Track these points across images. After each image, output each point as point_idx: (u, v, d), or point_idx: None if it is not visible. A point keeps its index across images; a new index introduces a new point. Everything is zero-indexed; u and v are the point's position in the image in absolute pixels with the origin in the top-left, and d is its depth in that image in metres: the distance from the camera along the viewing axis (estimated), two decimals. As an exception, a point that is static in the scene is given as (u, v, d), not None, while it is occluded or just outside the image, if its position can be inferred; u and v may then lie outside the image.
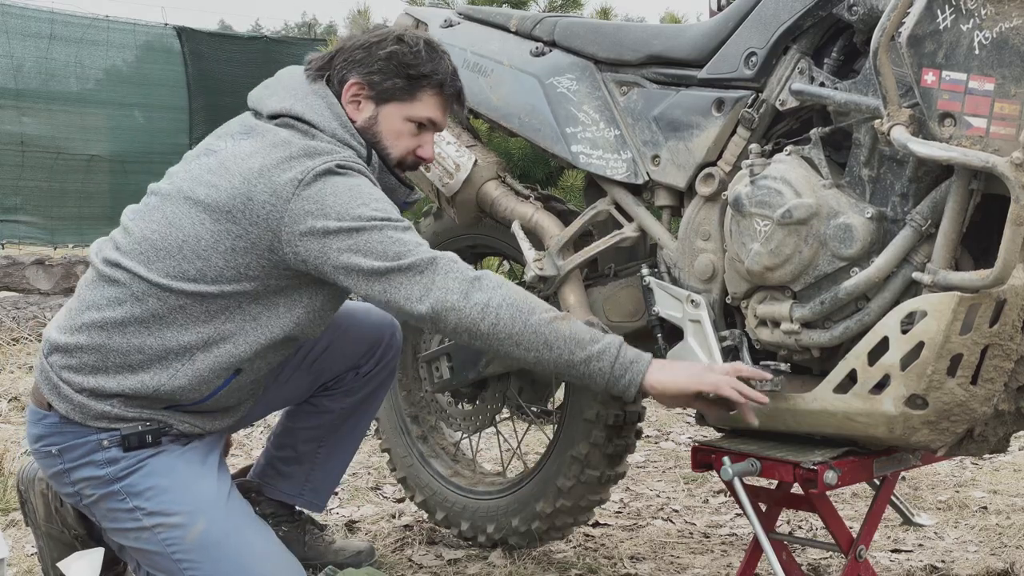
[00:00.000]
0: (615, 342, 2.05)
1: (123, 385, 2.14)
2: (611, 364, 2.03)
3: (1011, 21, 1.86)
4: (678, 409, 4.51)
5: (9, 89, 9.88)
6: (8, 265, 7.31)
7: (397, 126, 2.26)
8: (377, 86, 2.23)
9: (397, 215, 2.12)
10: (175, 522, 2.12)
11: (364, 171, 2.16)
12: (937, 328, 1.92)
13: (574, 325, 2.06)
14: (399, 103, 2.25)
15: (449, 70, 2.28)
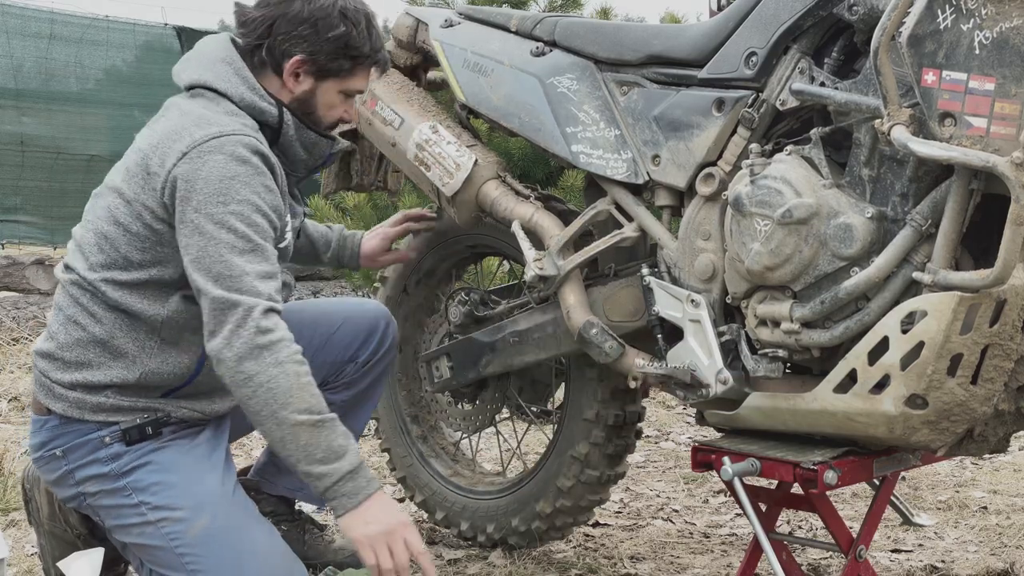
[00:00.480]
0: (342, 471, 2.01)
1: (110, 375, 2.16)
2: (323, 489, 2.02)
3: (1011, 21, 1.86)
4: (679, 409, 4.51)
5: (9, 89, 9.87)
6: (8, 265, 7.31)
7: (332, 99, 2.30)
8: (321, 65, 2.26)
9: (258, 226, 2.09)
10: (179, 516, 2.12)
11: (259, 147, 2.15)
12: (937, 328, 1.92)
13: (318, 436, 2.01)
14: (338, 79, 2.28)
15: (380, 44, 2.33)
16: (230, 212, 2.08)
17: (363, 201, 5.48)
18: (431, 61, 2.87)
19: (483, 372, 2.73)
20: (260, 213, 2.11)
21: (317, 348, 2.52)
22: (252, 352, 2.01)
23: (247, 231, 2.08)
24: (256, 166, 2.13)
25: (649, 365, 2.34)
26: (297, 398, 2.01)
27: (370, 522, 2.02)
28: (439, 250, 2.93)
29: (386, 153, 2.81)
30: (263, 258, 2.09)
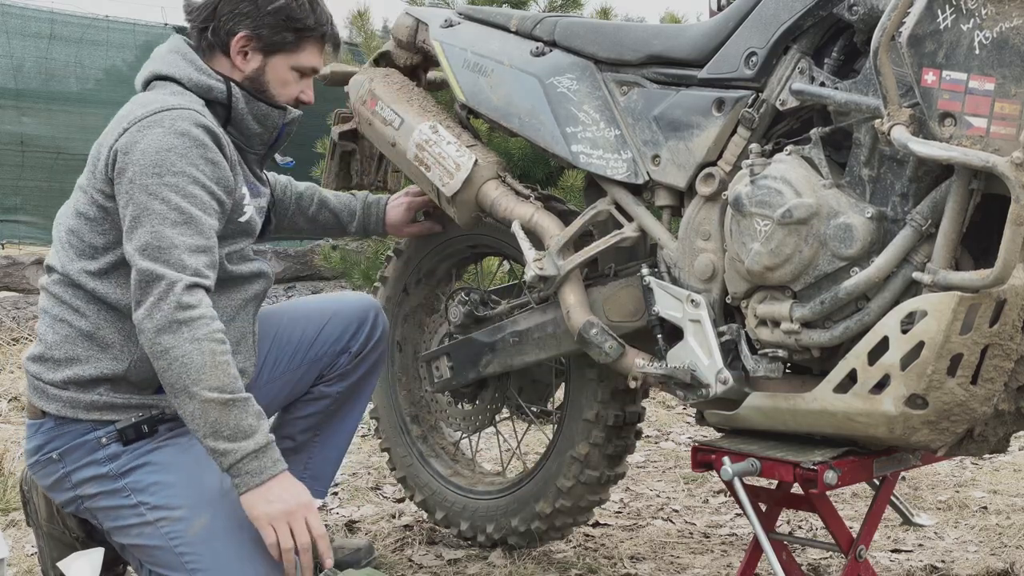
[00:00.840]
0: (246, 450, 2.02)
1: (100, 368, 2.17)
2: (227, 465, 2.04)
3: (1011, 21, 1.86)
4: (679, 409, 4.51)
5: (9, 89, 9.87)
6: (8, 265, 7.31)
7: (283, 75, 2.34)
8: (266, 39, 2.30)
9: (194, 198, 2.11)
10: (178, 515, 2.13)
11: (202, 120, 2.18)
12: (937, 328, 1.92)
13: (228, 415, 2.02)
14: (286, 54, 2.33)
15: (329, 18, 2.38)
16: (164, 184, 2.10)
17: (363, 201, 5.47)
18: (431, 61, 2.87)
19: (483, 372, 2.73)
20: (198, 185, 2.13)
21: (309, 343, 2.55)
22: (170, 326, 2.03)
23: (181, 203, 2.09)
24: (196, 138, 2.16)
25: (649, 365, 2.34)
26: (210, 375, 2.02)
27: (272, 501, 2.04)
28: (439, 250, 2.93)
29: (386, 153, 2.81)
30: (196, 231, 2.10)
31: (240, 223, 2.28)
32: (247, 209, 2.29)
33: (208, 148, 2.17)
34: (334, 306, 2.63)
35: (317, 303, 2.69)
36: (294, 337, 2.56)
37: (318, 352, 2.57)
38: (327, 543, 2.10)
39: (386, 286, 3.02)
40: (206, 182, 2.14)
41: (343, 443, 2.68)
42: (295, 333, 2.56)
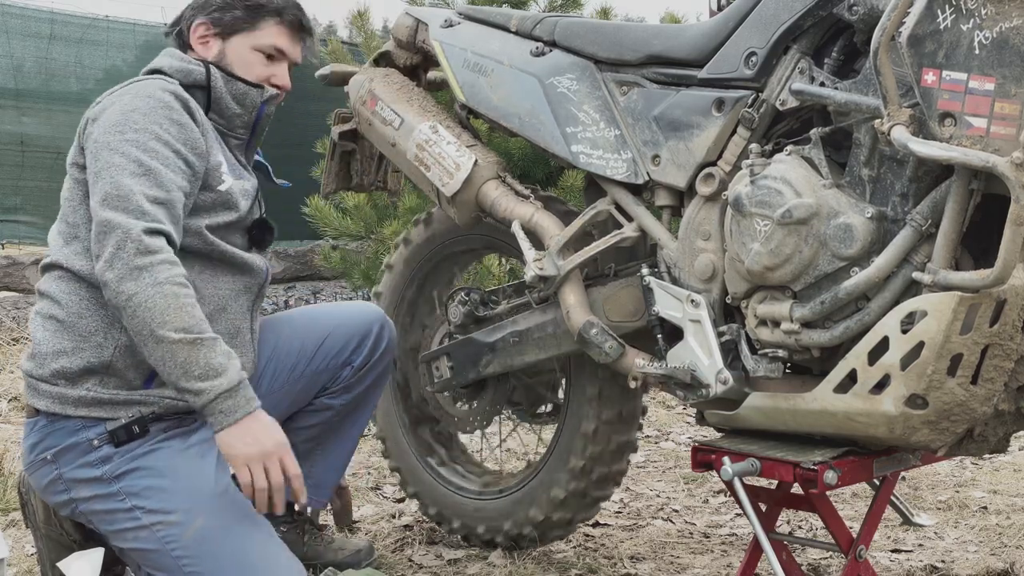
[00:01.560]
0: (220, 388, 2.03)
1: (85, 357, 2.17)
2: (201, 405, 2.05)
3: (1011, 21, 1.86)
4: (679, 409, 4.51)
5: (9, 89, 9.87)
6: (8, 265, 7.31)
7: (246, 56, 2.36)
8: (219, 22, 2.35)
9: (155, 152, 2.13)
10: (173, 520, 2.12)
11: (173, 88, 2.22)
12: (937, 328, 1.92)
13: (197, 354, 2.03)
14: (243, 34, 2.36)
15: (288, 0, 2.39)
16: (125, 140, 2.13)
17: (363, 201, 5.48)
18: (431, 61, 2.87)
19: (483, 372, 2.73)
20: (160, 141, 2.15)
21: (310, 356, 2.52)
22: (132, 273, 2.03)
23: (141, 156, 2.12)
24: (161, 99, 2.20)
25: (649, 365, 2.34)
26: (175, 317, 2.03)
27: (249, 443, 2.05)
28: (438, 250, 2.93)
29: (386, 153, 2.81)
30: (155, 183, 2.10)
31: (220, 192, 2.27)
32: (225, 178, 2.29)
33: (174, 110, 2.21)
34: (337, 318, 2.59)
35: (319, 314, 2.65)
36: (294, 349, 2.52)
37: (319, 366, 2.53)
38: (301, 483, 2.11)
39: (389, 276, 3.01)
40: (169, 139, 2.17)
41: (346, 452, 2.65)
42: (295, 344, 2.53)
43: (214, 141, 2.30)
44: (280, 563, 2.14)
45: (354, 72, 2.94)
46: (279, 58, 2.39)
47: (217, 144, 2.32)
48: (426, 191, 2.75)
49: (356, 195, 5.39)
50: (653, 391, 2.48)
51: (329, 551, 2.66)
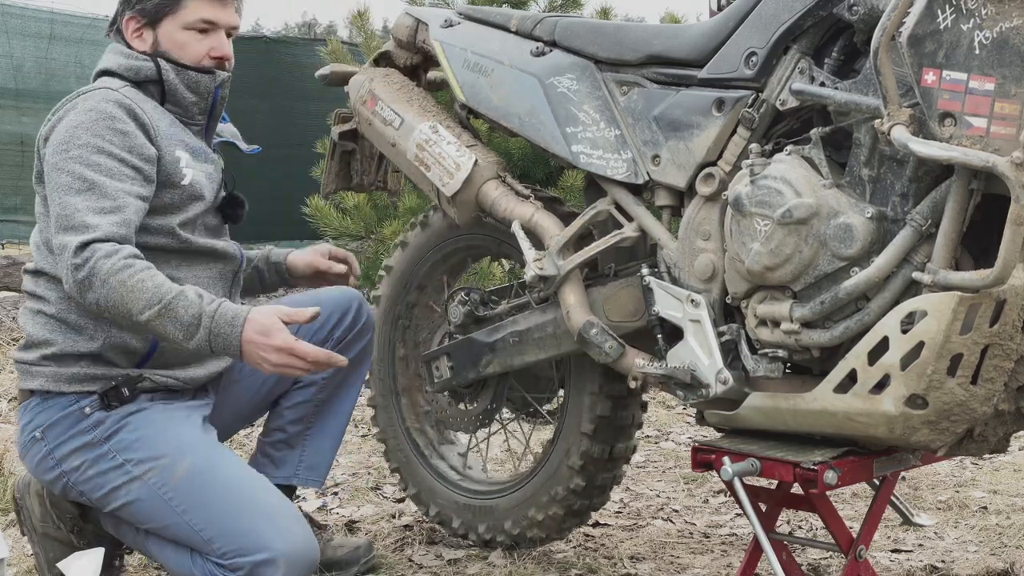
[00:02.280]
0: (209, 312, 2.11)
1: (76, 347, 2.26)
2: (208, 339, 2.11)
3: (1011, 21, 1.86)
4: (679, 409, 4.51)
5: (9, 89, 9.87)
6: (8, 265, 7.31)
7: (179, 38, 2.37)
8: (146, 12, 2.36)
9: (98, 166, 2.19)
10: (163, 463, 2.20)
11: (114, 96, 2.26)
12: (937, 328, 1.92)
13: (174, 317, 2.10)
14: (169, 18, 2.37)
15: None
16: (69, 158, 2.20)
17: (363, 201, 5.48)
18: (431, 61, 2.87)
19: (483, 372, 2.73)
20: (103, 153, 2.21)
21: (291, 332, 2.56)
22: (83, 285, 2.12)
23: (84, 171, 2.19)
24: (103, 111, 2.25)
25: (649, 365, 2.34)
26: (134, 300, 2.10)
27: (266, 354, 2.10)
28: (438, 250, 2.93)
29: (386, 153, 2.81)
30: (99, 195, 2.17)
31: (184, 186, 2.33)
32: (187, 172, 2.33)
33: (116, 119, 2.25)
34: (315, 299, 2.62)
35: (299, 298, 2.70)
36: None
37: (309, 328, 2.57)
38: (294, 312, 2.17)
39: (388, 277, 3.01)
40: (113, 150, 2.22)
41: (336, 433, 2.68)
42: None
43: (171, 136, 2.34)
44: (271, 497, 2.20)
45: (354, 72, 2.94)
46: (213, 29, 2.39)
47: (175, 137, 2.35)
48: (426, 191, 2.75)
49: (356, 195, 5.39)
50: (653, 391, 2.47)
51: (328, 548, 2.67)
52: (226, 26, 2.41)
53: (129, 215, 2.18)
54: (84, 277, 2.11)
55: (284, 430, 2.64)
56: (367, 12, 6.07)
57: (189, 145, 2.37)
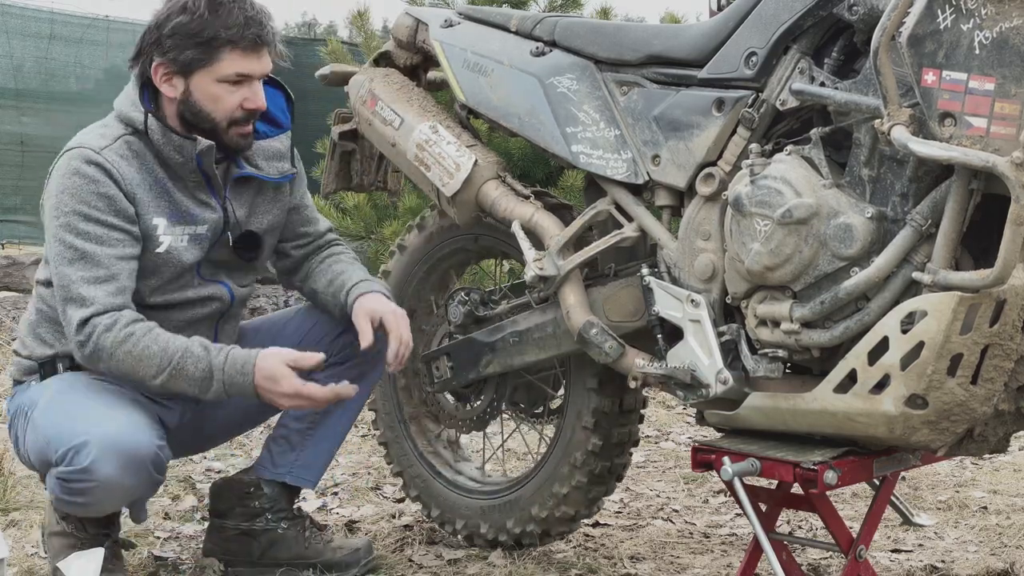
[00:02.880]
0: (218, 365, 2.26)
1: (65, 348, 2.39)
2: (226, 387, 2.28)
3: (1011, 21, 1.86)
4: (679, 409, 4.51)
5: (9, 89, 9.87)
6: (8, 265, 7.31)
7: (212, 91, 2.35)
8: (177, 62, 2.33)
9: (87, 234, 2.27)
10: (47, 395, 2.32)
11: (93, 157, 2.30)
12: (937, 328, 1.92)
13: (185, 376, 2.26)
14: (204, 70, 2.34)
15: (239, 21, 2.33)
16: (60, 225, 2.29)
17: (363, 201, 5.48)
18: (431, 61, 2.87)
19: (483, 372, 2.73)
20: (90, 221, 2.28)
21: (305, 331, 2.63)
22: (92, 359, 2.27)
23: (74, 240, 2.27)
24: (87, 175, 2.29)
25: (649, 365, 2.34)
26: (143, 369, 2.25)
27: (277, 396, 2.27)
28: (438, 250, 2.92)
29: (386, 153, 2.81)
30: (91, 264, 2.26)
31: (158, 254, 2.37)
32: (163, 239, 2.37)
33: (99, 183, 2.30)
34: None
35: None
36: (287, 330, 2.65)
37: (313, 338, 2.60)
38: (299, 356, 2.30)
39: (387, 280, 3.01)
40: (99, 216, 2.28)
41: (337, 436, 2.68)
42: (291, 328, 2.66)
43: (151, 198, 2.36)
44: (115, 408, 2.26)
45: (354, 72, 2.94)
46: (246, 80, 2.36)
47: (156, 199, 2.37)
48: (426, 191, 2.75)
49: (356, 195, 5.39)
50: (653, 391, 2.47)
51: (328, 550, 2.66)
52: (260, 76, 2.39)
53: (123, 281, 2.29)
54: (91, 353, 2.25)
55: (287, 427, 2.65)
56: (367, 12, 6.07)
57: (173, 207, 2.38)
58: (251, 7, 2.35)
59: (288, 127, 2.57)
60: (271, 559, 2.64)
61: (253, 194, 2.51)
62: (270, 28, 2.38)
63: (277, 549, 2.64)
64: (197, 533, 2.98)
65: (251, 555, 2.65)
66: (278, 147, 2.55)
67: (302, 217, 2.65)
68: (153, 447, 2.24)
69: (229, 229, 2.46)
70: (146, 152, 2.37)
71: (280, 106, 2.57)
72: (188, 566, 2.73)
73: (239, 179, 2.48)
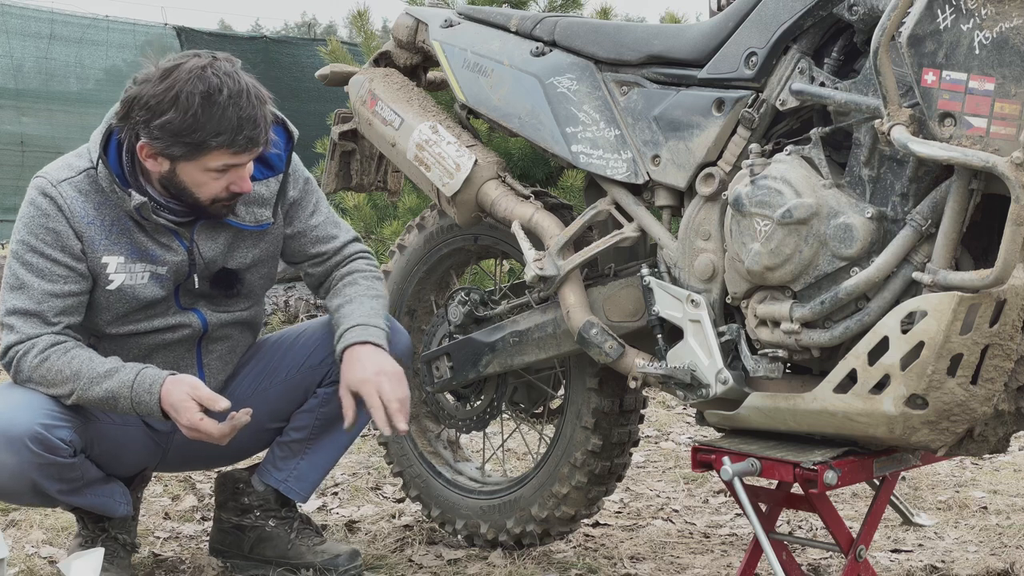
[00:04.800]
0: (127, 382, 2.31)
1: None
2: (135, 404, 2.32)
3: (1011, 21, 1.86)
4: (679, 409, 4.51)
5: (9, 89, 9.88)
6: (8, 265, 7.30)
7: (198, 178, 2.34)
8: (163, 152, 2.30)
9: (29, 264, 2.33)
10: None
11: (49, 191, 2.34)
12: (937, 328, 1.92)
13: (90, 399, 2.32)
14: (190, 161, 2.30)
15: (232, 124, 2.26)
16: (11, 252, 2.38)
17: (363, 201, 5.48)
18: (431, 61, 2.87)
19: (483, 372, 2.73)
20: (35, 252, 2.33)
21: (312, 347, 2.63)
22: (16, 379, 2.37)
23: (17, 269, 2.35)
24: (40, 207, 2.35)
25: (649, 365, 2.34)
26: (56, 388, 2.33)
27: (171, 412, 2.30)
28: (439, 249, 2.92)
29: (386, 153, 2.81)
30: (26, 296, 2.34)
31: (109, 291, 2.39)
32: (114, 278, 2.38)
33: (50, 217, 2.34)
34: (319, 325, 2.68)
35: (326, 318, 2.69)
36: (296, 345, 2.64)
37: (316, 359, 2.60)
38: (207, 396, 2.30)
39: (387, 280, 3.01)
40: (44, 249, 2.33)
41: (334, 451, 2.66)
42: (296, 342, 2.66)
43: (105, 236, 2.37)
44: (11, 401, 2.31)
45: (354, 72, 2.94)
46: (234, 169, 2.33)
47: (112, 237, 2.37)
48: (426, 191, 2.75)
49: (356, 195, 5.39)
50: (653, 391, 2.47)
51: (310, 552, 2.64)
52: (251, 160, 2.36)
53: (48, 316, 2.34)
54: (13, 375, 2.37)
55: (289, 435, 2.64)
56: (367, 12, 6.08)
57: (133, 245, 2.38)
58: (247, 102, 2.27)
59: (281, 170, 2.50)
60: (259, 555, 2.66)
61: (231, 235, 2.47)
62: (263, 125, 2.31)
63: (263, 546, 2.66)
64: (197, 533, 2.98)
65: (242, 549, 2.68)
66: (263, 193, 2.49)
67: (310, 238, 2.59)
68: (32, 425, 2.28)
69: (196, 271, 2.44)
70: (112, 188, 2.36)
71: (278, 146, 2.50)
72: (188, 566, 2.73)
73: (210, 221, 2.44)
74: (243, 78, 2.29)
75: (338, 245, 2.63)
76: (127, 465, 2.57)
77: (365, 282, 2.58)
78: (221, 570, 2.69)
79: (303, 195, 2.58)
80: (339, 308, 2.53)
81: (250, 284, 2.54)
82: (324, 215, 2.62)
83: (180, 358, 2.50)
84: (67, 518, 3.00)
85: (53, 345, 2.33)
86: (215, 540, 2.73)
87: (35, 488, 2.34)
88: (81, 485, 2.42)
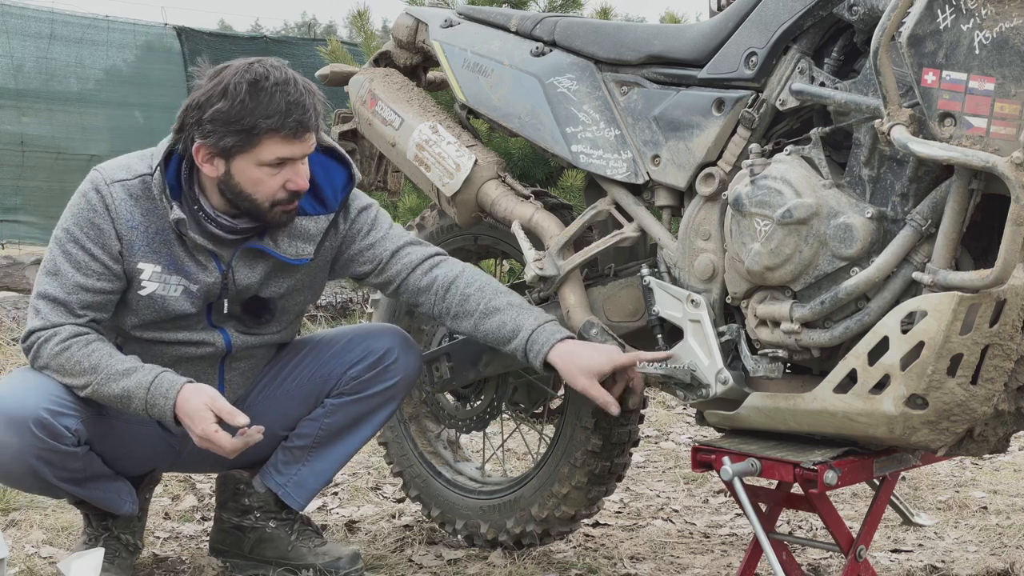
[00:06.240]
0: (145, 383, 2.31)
1: None
2: (148, 407, 2.33)
3: (1011, 21, 1.86)
4: (679, 409, 4.51)
5: (9, 89, 9.88)
6: (8, 265, 7.30)
7: (253, 174, 2.34)
8: (216, 146, 2.31)
9: (68, 254, 2.35)
10: None
11: (101, 187, 2.36)
12: (937, 328, 1.92)
13: (105, 395, 2.33)
14: (244, 154, 2.32)
15: (280, 108, 2.28)
16: (55, 237, 2.39)
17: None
18: (431, 61, 2.87)
19: (483, 372, 2.73)
20: (75, 243, 2.36)
21: (321, 358, 2.61)
22: (34, 364, 2.41)
23: (57, 255, 2.37)
24: (89, 200, 2.37)
25: (649, 365, 2.34)
26: (72, 379, 2.34)
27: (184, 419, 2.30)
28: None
29: (386, 153, 2.81)
30: (59, 284, 2.36)
31: (140, 296, 2.39)
32: (146, 285, 2.39)
33: (96, 212, 2.36)
34: (355, 330, 2.67)
35: (343, 330, 2.71)
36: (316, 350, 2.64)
37: (326, 370, 2.60)
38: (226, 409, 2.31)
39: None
40: (85, 243, 2.36)
41: (336, 460, 2.64)
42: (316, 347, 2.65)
43: (146, 243, 2.38)
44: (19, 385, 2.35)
45: (354, 72, 2.94)
46: (288, 163, 2.33)
47: (153, 245, 2.38)
48: (426, 191, 2.75)
49: (356, 195, 5.38)
50: (653, 391, 2.47)
51: (311, 554, 2.64)
52: (303, 157, 2.35)
53: (75, 308, 2.36)
54: (32, 358, 2.39)
55: (293, 441, 2.63)
56: (367, 12, 6.08)
57: (172, 257, 2.39)
58: (294, 89, 2.30)
59: (334, 209, 2.48)
60: (258, 555, 2.67)
61: (269, 266, 2.47)
62: (313, 111, 2.32)
63: (263, 547, 2.66)
64: (197, 533, 2.98)
65: (242, 549, 2.69)
66: (309, 228, 2.47)
67: (359, 260, 2.54)
68: (38, 410, 2.30)
69: (227, 296, 2.45)
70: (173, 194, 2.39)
71: (336, 185, 2.49)
72: (188, 566, 2.73)
73: (250, 249, 2.44)
74: (290, 71, 2.34)
75: (392, 248, 2.54)
76: (137, 464, 2.57)
77: (479, 285, 2.49)
78: (221, 570, 2.70)
79: (361, 224, 2.54)
80: (497, 319, 2.44)
81: (283, 310, 2.55)
82: (377, 235, 2.54)
83: (203, 372, 2.49)
84: (67, 518, 3.00)
85: (75, 336, 2.35)
86: (215, 540, 2.73)
87: (35, 472, 2.35)
88: (84, 477, 2.42)
